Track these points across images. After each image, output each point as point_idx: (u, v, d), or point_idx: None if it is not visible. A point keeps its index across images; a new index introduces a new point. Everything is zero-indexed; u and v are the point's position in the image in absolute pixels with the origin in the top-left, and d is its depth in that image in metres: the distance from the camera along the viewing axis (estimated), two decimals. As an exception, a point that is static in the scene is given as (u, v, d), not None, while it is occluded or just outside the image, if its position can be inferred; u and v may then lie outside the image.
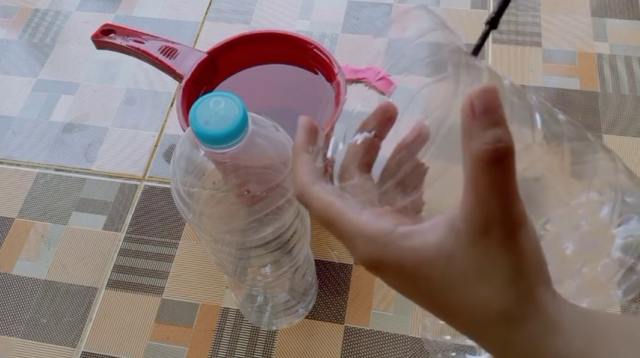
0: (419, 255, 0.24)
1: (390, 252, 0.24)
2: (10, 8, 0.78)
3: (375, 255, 0.25)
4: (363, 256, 0.25)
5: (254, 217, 0.37)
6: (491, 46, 0.69)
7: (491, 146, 0.22)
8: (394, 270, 0.25)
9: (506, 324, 0.24)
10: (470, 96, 0.23)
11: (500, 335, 0.24)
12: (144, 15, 0.76)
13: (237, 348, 0.51)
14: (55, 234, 0.59)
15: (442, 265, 0.24)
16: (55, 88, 0.70)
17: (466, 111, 0.23)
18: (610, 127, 0.62)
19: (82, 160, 0.64)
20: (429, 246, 0.24)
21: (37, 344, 0.53)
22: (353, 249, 0.26)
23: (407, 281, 0.25)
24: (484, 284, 0.24)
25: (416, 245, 0.24)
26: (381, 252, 0.24)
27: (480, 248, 0.23)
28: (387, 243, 0.24)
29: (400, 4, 0.74)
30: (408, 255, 0.24)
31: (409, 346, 0.51)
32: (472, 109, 0.23)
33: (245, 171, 0.36)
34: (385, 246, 0.24)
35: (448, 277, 0.24)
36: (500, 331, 0.24)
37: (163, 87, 0.69)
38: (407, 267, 0.24)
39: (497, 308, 0.24)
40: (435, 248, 0.24)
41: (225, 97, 0.32)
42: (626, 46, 0.68)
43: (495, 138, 0.22)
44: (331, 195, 0.26)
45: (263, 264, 0.44)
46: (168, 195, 0.61)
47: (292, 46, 0.57)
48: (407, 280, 0.25)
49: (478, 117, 0.22)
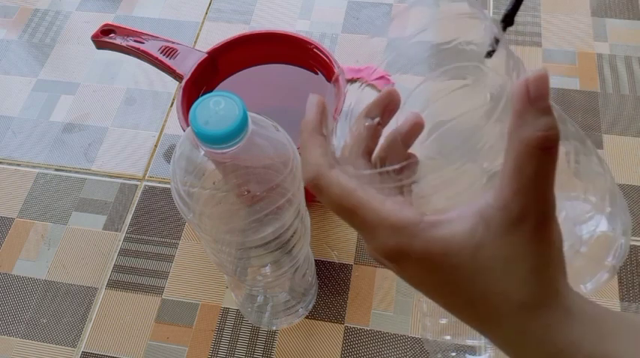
0: (448, 244, 0.24)
1: (417, 243, 0.24)
2: (10, 8, 0.78)
3: (400, 246, 0.24)
4: (386, 246, 0.24)
5: (254, 217, 0.37)
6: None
7: (543, 133, 0.22)
8: (419, 261, 0.24)
9: (527, 312, 0.24)
10: (526, 82, 0.22)
11: (518, 324, 0.24)
12: (144, 15, 0.76)
13: (237, 348, 0.51)
14: (55, 234, 0.59)
15: (470, 254, 0.23)
16: (55, 88, 0.70)
17: (522, 96, 0.23)
18: (610, 127, 0.62)
19: (82, 160, 0.64)
20: (458, 236, 0.24)
21: (37, 344, 0.53)
22: (373, 238, 0.25)
23: (430, 272, 0.24)
24: (511, 273, 0.24)
25: (445, 234, 0.24)
26: (407, 243, 0.24)
27: (511, 237, 0.23)
28: (415, 234, 0.24)
29: (400, 4, 0.74)
30: (437, 245, 0.24)
31: (409, 346, 0.51)
32: (528, 95, 0.22)
33: (245, 171, 0.36)
34: (412, 237, 0.24)
35: (476, 266, 0.24)
36: (519, 319, 0.24)
37: (163, 87, 0.69)
38: (435, 256, 0.24)
39: (521, 297, 0.24)
40: (464, 237, 0.23)
41: (225, 97, 0.32)
42: (626, 46, 0.68)
43: (547, 125, 0.22)
44: (351, 181, 0.25)
45: (263, 264, 0.44)
46: (168, 195, 0.61)
47: (292, 46, 0.57)
48: (431, 270, 0.24)
49: (533, 103, 0.22)
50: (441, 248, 0.24)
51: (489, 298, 0.24)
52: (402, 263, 0.25)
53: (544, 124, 0.22)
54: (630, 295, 0.52)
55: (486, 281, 0.24)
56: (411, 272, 0.25)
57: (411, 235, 0.24)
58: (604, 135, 0.62)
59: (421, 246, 0.24)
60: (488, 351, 0.48)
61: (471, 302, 0.25)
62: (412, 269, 0.25)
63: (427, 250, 0.24)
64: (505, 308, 0.24)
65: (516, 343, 0.24)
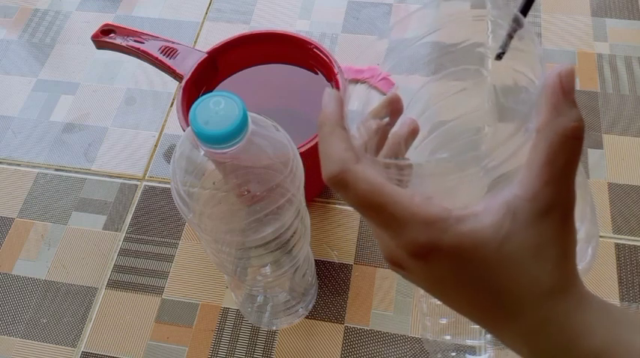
0: (477, 237, 0.24)
1: (448, 237, 0.24)
2: (10, 8, 0.78)
3: (432, 240, 0.24)
4: (417, 242, 0.24)
5: (254, 217, 0.37)
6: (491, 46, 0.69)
7: (577, 123, 0.23)
8: (449, 256, 0.24)
9: (552, 298, 0.24)
10: (560, 74, 0.23)
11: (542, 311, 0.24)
12: (144, 15, 0.76)
13: (237, 348, 0.51)
14: (55, 234, 0.59)
15: (498, 246, 0.24)
16: (55, 88, 0.70)
17: (556, 88, 0.23)
18: (610, 127, 0.62)
19: (82, 160, 0.64)
20: (487, 228, 0.24)
21: (37, 344, 0.53)
22: (402, 235, 0.24)
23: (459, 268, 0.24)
24: (538, 263, 0.24)
25: (473, 227, 0.24)
26: (438, 237, 0.24)
27: (541, 227, 0.24)
28: (445, 228, 0.24)
29: (400, 4, 0.74)
30: (467, 238, 0.24)
31: (409, 346, 0.51)
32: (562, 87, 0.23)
33: (245, 171, 0.36)
34: (443, 231, 0.24)
35: (504, 257, 0.24)
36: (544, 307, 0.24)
37: (163, 87, 0.69)
38: (465, 250, 0.24)
39: (547, 285, 0.24)
40: (493, 230, 0.24)
41: (225, 97, 0.32)
42: (626, 46, 0.68)
43: (579, 116, 0.23)
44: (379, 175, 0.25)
45: (263, 264, 0.44)
46: (169, 195, 0.61)
47: (292, 46, 0.57)
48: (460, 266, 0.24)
49: (566, 95, 0.23)
50: (471, 241, 0.24)
51: (515, 288, 0.24)
52: (431, 260, 0.24)
53: (576, 115, 0.23)
54: (630, 295, 0.52)
55: (514, 272, 0.24)
56: (437, 270, 0.25)
57: (442, 230, 0.24)
58: (604, 135, 0.62)
59: (452, 241, 0.24)
60: (488, 351, 0.48)
61: (495, 296, 0.25)
62: (440, 266, 0.25)
63: (458, 244, 0.24)
64: (530, 297, 0.24)
65: (537, 332, 0.25)
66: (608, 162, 0.60)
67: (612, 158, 0.60)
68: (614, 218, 0.56)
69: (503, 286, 0.24)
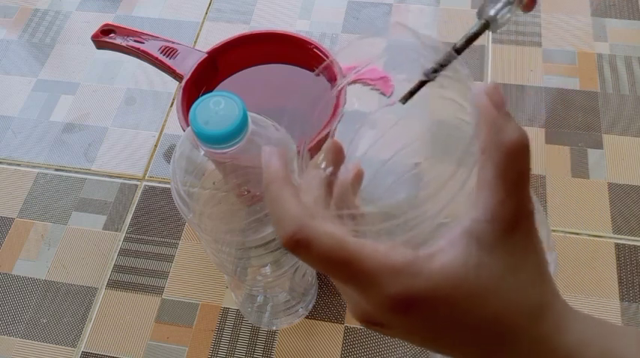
0: (450, 273, 0.22)
1: (421, 281, 0.22)
2: (10, 8, 0.78)
3: (406, 289, 0.22)
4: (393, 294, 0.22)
5: (254, 217, 0.37)
6: (491, 46, 0.69)
7: (516, 135, 0.22)
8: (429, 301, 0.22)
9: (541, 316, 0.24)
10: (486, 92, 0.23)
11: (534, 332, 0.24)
12: (144, 15, 0.76)
13: (237, 348, 0.51)
14: (55, 234, 0.59)
15: (474, 277, 0.22)
16: (55, 88, 0.70)
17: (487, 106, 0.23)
18: (610, 127, 0.62)
19: (82, 160, 0.64)
20: (455, 261, 0.22)
21: (37, 344, 0.53)
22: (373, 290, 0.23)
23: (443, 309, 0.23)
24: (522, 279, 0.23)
25: (443, 264, 0.22)
26: (411, 284, 0.22)
27: (507, 247, 0.23)
28: (416, 272, 0.22)
29: (400, 4, 0.74)
30: (441, 277, 0.22)
31: (409, 346, 0.51)
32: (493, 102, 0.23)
33: (245, 171, 0.36)
34: (415, 276, 0.22)
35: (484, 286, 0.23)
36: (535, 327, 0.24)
37: (163, 87, 0.69)
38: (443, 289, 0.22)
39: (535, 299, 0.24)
40: (462, 261, 0.22)
41: (225, 97, 0.32)
42: (626, 46, 0.68)
43: (517, 127, 0.23)
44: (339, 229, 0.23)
45: (263, 264, 0.44)
46: (169, 195, 0.61)
47: (292, 46, 0.57)
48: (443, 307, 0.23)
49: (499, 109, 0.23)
50: (445, 279, 0.22)
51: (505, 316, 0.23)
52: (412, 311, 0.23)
53: (514, 126, 0.23)
54: (630, 295, 0.52)
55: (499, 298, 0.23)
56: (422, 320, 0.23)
57: (413, 275, 0.22)
58: (604, 135, 0.62)
59: (427, 285, 0.22)
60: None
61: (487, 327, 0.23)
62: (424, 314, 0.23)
63: (434, 287, 0.22)
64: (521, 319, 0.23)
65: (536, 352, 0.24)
66: (608, 162, 0.60)
67: (612, 158, 0.60)
68: (614, 218, 0.56)
69: (491, 315, 0.23)
